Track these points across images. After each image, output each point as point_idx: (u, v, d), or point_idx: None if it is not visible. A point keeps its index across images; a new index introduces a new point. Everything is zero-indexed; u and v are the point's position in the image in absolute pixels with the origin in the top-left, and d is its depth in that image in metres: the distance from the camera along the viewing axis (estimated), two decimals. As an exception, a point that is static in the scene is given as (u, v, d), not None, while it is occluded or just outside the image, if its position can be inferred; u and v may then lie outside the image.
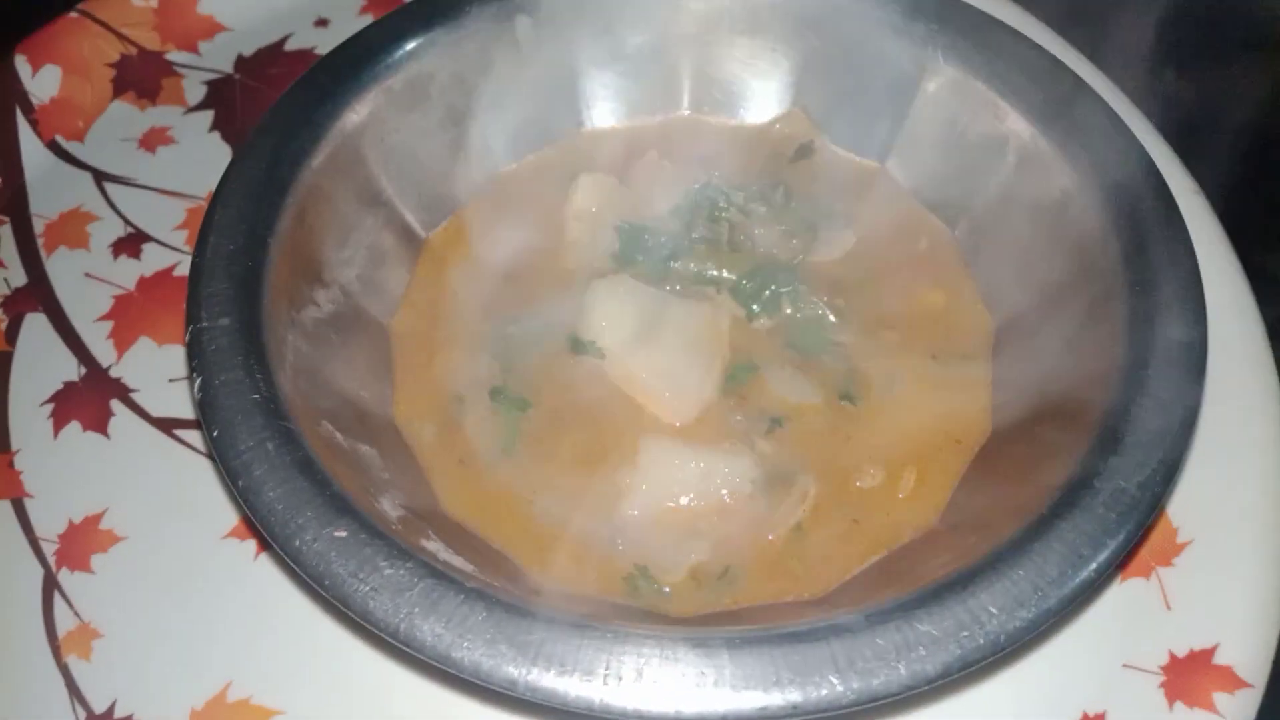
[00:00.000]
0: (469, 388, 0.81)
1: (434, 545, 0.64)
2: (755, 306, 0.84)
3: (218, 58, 1.16)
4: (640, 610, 0.70)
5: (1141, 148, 0.76)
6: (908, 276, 0.85)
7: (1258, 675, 0.69)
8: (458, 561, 0.63)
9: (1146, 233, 0.71)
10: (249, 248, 0.74)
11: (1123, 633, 0.74)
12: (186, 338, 0.69)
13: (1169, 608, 0.74)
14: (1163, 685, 0.70)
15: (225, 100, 1.12)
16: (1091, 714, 0.71)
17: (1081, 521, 0.59)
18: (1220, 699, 0.68)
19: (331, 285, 0.82)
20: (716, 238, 0.88)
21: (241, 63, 1.15)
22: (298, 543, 0.59)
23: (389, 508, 0.67)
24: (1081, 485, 0.61)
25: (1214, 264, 0.86)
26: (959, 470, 0.75)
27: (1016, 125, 0.81)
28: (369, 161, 0.86)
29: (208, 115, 1.11)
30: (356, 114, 0.84)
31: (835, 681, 0.53)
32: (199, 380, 0.66)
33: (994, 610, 0.55)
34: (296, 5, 1.19)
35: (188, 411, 0.89)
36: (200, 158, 1.07)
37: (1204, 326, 0.68)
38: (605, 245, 0.89)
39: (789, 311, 0.84)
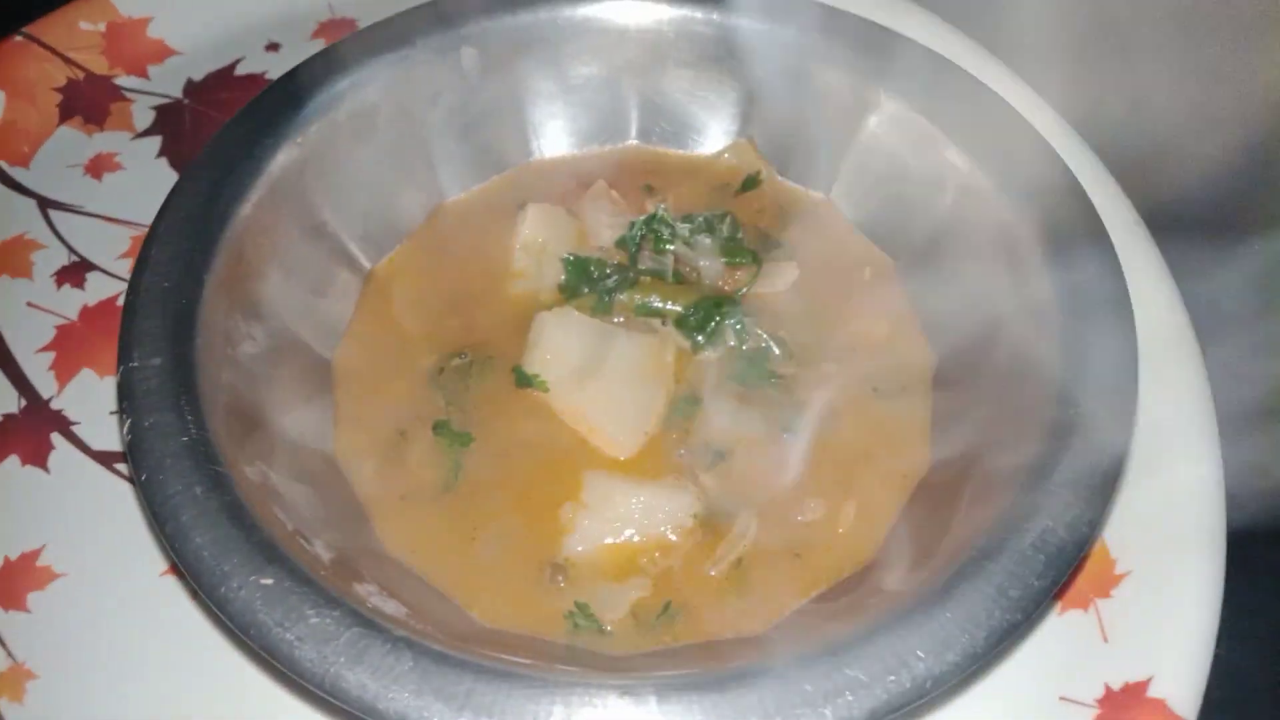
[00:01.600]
0: (411, 422, 0.81)
1: (367, 589, 0.63)
2: (700, 338, 0.84)
3: (167, 82, 1.15)
4: (581, 649, 0.69)
5: (1075, 182, 0.77)
6: (851, 308, 0.86)
7: (1190, 709, 0.70)
8: (390, 606, 0.62)
9: (1080, 268, 0.72)
10: (184, 284, 0.73)
11: (1060, 665, 0.74)
12: (118, 377, 0.68)
13: (1106, 639, 0.75)
14: (1097, 718, 0.71)
15: (174, 126, 1.11)
16: (1032, 749, 0.71)
17: (1009, 563, 0.59)
18: (1153, 733, 0.69)
19: (270, 320, 0.81)
20: (662, 269, 0.88)
21: (191, 87, 1.14)
22: (223, 590, 0.58)
23: (322, 551, 0.66)
24: (1011, 525, 0.61)
25: (1152, 294, 0.87)
26: (898, 503, 0.75)
27: (955, 159, 0.81)
28: (312, 194, 0.86)
29: (155, 141, 1.10)
30: (299, 147, 0.84)
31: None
32: (128, 422, 0.65)
33: (921, 654, 0.56)
34: (248, 30, 1.18)
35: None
36: (147, 185, 1.05)
37: (1135, 365, 0.68)
38: (552, 276, 0.89)
39: (733, 344, 0.84)
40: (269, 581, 0.58)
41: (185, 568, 0.60)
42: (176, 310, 0.71)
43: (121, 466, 0.87)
